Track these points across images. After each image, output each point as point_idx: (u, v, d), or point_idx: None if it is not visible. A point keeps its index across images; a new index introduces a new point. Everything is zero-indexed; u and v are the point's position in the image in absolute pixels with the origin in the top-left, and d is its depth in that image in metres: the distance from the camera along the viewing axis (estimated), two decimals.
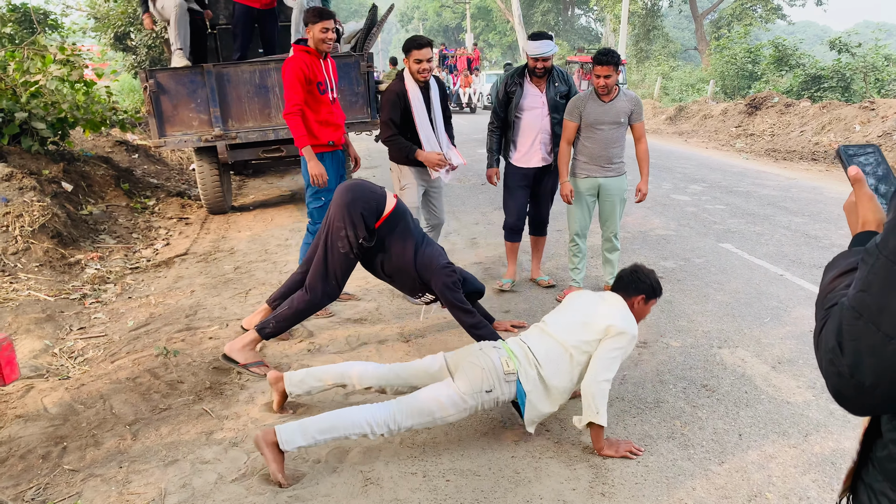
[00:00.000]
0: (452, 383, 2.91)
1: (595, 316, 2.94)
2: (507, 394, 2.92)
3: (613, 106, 4.53)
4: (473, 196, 5.77)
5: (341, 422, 2.79)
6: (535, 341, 3.04)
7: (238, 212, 8.47)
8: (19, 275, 5.40)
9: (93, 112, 8.28)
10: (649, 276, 3.09)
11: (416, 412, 2.84)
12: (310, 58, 4.41)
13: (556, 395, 2.95)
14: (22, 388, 3.64)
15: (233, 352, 3.71)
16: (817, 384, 3.54)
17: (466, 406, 2.88)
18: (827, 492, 2.65)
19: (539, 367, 2.94)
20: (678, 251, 6.13)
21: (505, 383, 2.91)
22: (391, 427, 2.81)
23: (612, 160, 4.64)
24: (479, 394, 2.88)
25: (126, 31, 15.60)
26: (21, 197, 6.19)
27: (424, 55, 4.46)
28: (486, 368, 2.91)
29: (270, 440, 2.74)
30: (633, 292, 3.04)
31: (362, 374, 3.18)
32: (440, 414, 2.85)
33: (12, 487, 2.79)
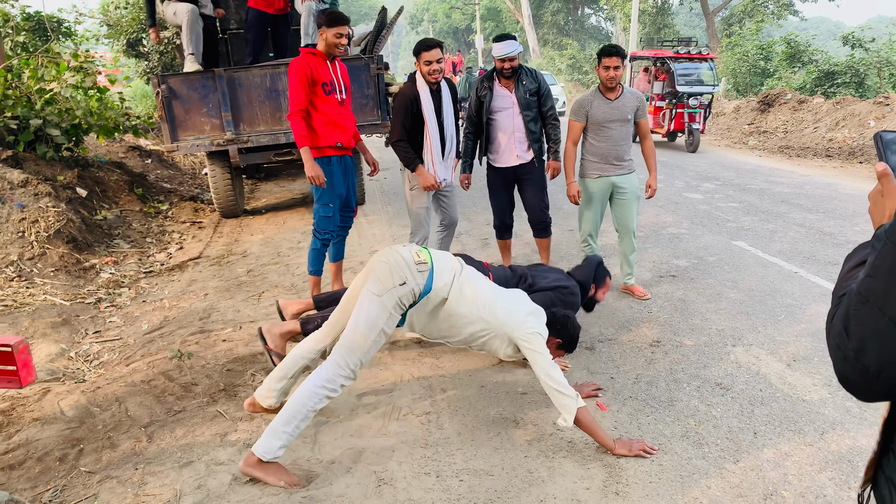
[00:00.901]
0: (365, 293, 2.82)
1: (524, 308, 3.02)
2: (420, 284, 2.86)
3: (620, 103, 4.55)
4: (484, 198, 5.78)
5: (297, 404, 2.73)
6: (473, 270, 3.10)
7: (250, 215, 8.51)
8: (35, 279, 5.45)
9: (106, 118, 8.35)
10: (574, 330, 3.22)
11: (353, 346, 2.76)
12: (315, 59, 4.41)
13: (442, 316, 2.95)
14: (39, 391, 3.68)
15: (270, 333, 3.66)
16: (833, 382, 3.50)
17: (386, 309, 2.78)
18: (844, 489, 2.62)
19: (456, 278, 2.95)
20: (691, 249, 6.10)
21: (418, 273, 2.85)
22: (343, 374, 2.75)
23: (622, 157, 4.66)
24: (395, 289, 2.79)
25: (138, 37, 15.72)
26: (37, 203, 6.25)
27: (434, 56, 4.48)
28: (392, 263, 2.84)
29: (252, 461, 2.74)
30: (554, 334, 3.13)
31: (308, 345, 3.14)
32: (373, 333, 2.76)
33: (30, 489, 2.82)
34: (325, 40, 4.41)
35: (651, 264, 5.70)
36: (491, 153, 5.01)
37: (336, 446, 3.06)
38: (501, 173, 5.02)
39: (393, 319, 2.83)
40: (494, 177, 5.09)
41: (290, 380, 3.14)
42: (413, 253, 2.91)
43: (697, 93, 12.81)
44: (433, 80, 4.55)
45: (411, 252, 2.91)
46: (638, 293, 4.88)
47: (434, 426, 3.22)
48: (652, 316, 4.54)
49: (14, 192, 6.23)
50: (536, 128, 4.89)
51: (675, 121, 13.06)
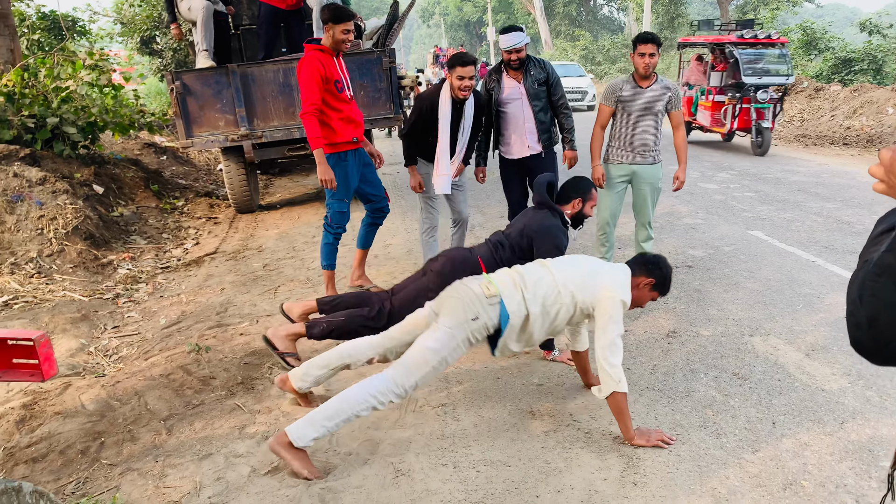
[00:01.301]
0: (437, 324, 2.87)
1: (598, 276, 2.95)
2: (493, 317, 2.87)
3: (652, 92, 4.48)
4: (497, 190, 5.77)
5: (345, 403, 2.77)
6: (530, 270, 3.05)
7: (265, 210, 8.56)
8: (55, 276, 5.52)
9: (121, 115, 8.42)
10: (667, 267, 3.08)
11: (413, 367, 2.80)
12: (325, 57, 4.37)
13: (532, 329, 2.92)
14: (60, 385, 3.72)
15: (275, 337, 3.72)
16: (853, 371, 3.47)
17: (457, 340, 2.82)
18: (864, 479, 2.60)
19: (524, 291, 2.91)
20: (707, 239, 6.06)
21: (489, 307, 2.86)
22: (396, 391, 2.78)
23: (647, 147, 4.58)
24: (466, 323, 2.83)
25: (152, 35, 15.82)
26: (54, 200, 6.32)
27: (468, 72, 4.51)
28: (465, 298, 2.87)
29: (283, 441, 2.76)
30: (646, 273, 3.03)
31: (359, 348, 3.16)
32: (436, 359, 2.80)
33: (53, 482, 2.86)
34: (331, 37, 4.37)
35: (667, 254, 5.66)
36: (502, 145, 5.01)
37: (353, 438, 3.07)
38: (513, 165, 5.02)
39: (459, 351, 2.88)
40: (507, 169, 5.08)
41: (329, 371, 3.19)
42: (483, 286, 2.92)
43: (766, 84, 10.86)
44: (462, 97, 4.58)
45: (481, 285, 2.93)
46: None
47: (450, 418, 3.22)
48: (668, 306, 4.52)
49: (32, 190, 6.30)
50: (546, 118, 4.88)
51: (738, 118, 10.98)
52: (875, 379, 3.38)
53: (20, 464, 3.00)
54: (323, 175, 4.41)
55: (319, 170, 4.40)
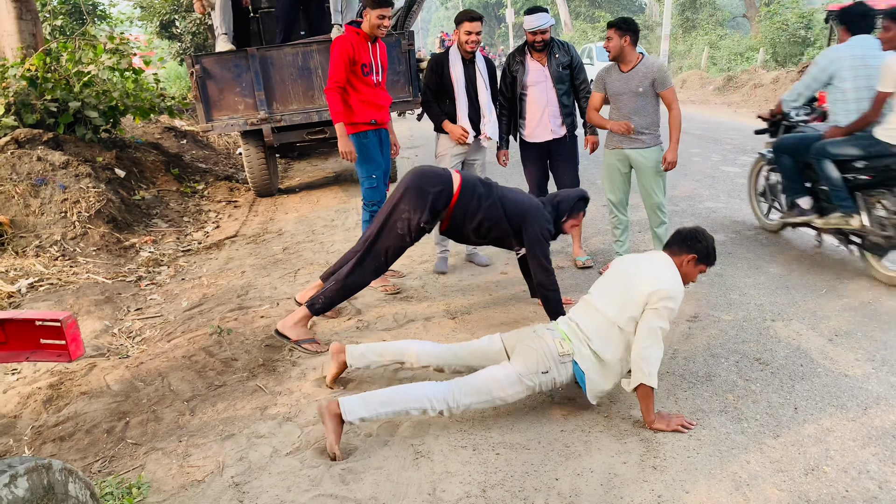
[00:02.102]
0: (509, 364, 2.95)
1: (639, 283, 2.90)
2: (563, 375, 2.94)
3: (632, 76, 4.44)
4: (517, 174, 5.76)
5: (402, 396, 2.85)
6: (582, 317, 3.04)
7: (285, 194, 8.59)
8: (78, 259, 5.59)
9: (142, 99, 8.48)
10: (706, 238, 3.02)
11: (474, 391, 2.87)
12: (358, 39, 4.44)
13: (612, 368, 2.94)
14: (85, 366, 3.79)
15: (285, 328, 3.79)
16: (877, 357, 3.43)
17: (523, 387, 2.91)
18: (888, 465, 2.58)
19: (590, 343, 2.93)
20: (728, 223, 6.00)
21: (561, 365, 2.92)
22: (450, 404, 2.85)
23: (637, 131, 4.52)
24: (536, 375, 2.90)
25: (171, 18, 15.88)
26: (77, 184, 6.39)
27: (475, 28, 4.60)
28: (540, 351, 2.93)
29: (334, 410, 2.81)
30: (686, 250, 2.99)
31: (421, 352, 3.24)
32: (498, 393, 2.88)
33: (80, 460, 2.92)
34: (368, 21, 4.42)
35: None
36: (524, 128, 4.98)
37: (374, 420, 3.09)
38: (535, 148, 4.99)
39: (520, 395, 2.95)
40: (528, 152, 5.06)
41: (384, 361, 3.30)
42: (558, 343, 2.96)
43: None
44: (469, 50, 4.64)
45: (556, 342, 2.96)
46: None
47: None
48: (689, 291, 4.49)
49: (56, 174, 6.38)
50: (569, 101, 4.85)
51: None
52: None
53: (48, 442, 3.06)
54: (343, 147, 4.50)
55: (340, 142, 4.49)
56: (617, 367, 2.95)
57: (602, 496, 2.49)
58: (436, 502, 2.51)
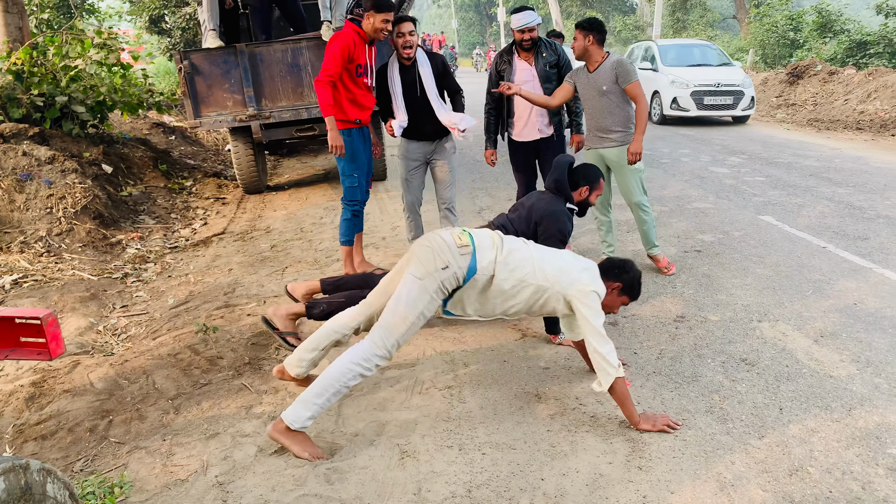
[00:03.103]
0: (407, 276, 2.84)
1: (574, 267, 2.96)
2: (463, 267, 2.85)
3: (596, 75, 4.49)
4: (506, 173, 5.75)
5: (331, 378, 2.77)
6: (512, 240, 3.05)
7: (273, 191, 8.55)
8: (64, 255, 5.54)
9: (130, 95, 8.40)
10: (634, 271, 3.09)
11: (391, 327, 2.79)
12: (359, 39, 4.42)
13: (494, 292, 2.91)
14: (69, 363, 3.75)
15: (275, 317, 3.74)
16: (861, 358, 3.45)
17: (429, 292, 2.80)
18: (871, 466, 2.59)
19: (498, 253, 2.91)
20: (717, 224, 6.02)
21: (460, 256, 2.85)
22: (379, 353, 2.78)
23: (607, 130, 4.56)
24: (437, 273, 2.80)
25: (160, 14, 15.75)
26: (63, 179, 6.33)
27: (406, 28, 4.51)
28: (435, 246, 2.85)
29: (281, 427, 2.78)
30: (612, 278, 3.04)
31: (343, 321, 3.14)
32: (412, 314, 2.79)
33: (62, 459, 2.89)
34: (371, 24, 4.37)
35: (676, 239, 5.63)
36: (512, 128, 4.97)
37: (359, 419, 3.08)
38: (523, 147, 4.99)
39: (433, 303, 2.85)
40: (516, 151, 5.05)
41: (320, 352, 3.17)
42: (455, 236, 2.91)
43: None
44: (405, 55, 4.55)
45: (453, 235, 2.91)
46: (663, 265, 4.83)
47: (456, 400, 3.23)
48: (676, 291, 4.50)
49: (41, 169, 6.31)
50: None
51: None
52: (884, 366, 3.36)
53: (29, 441, 3.02)
54: (333, 141, 4.45)
55: (331, 135, 4.44)
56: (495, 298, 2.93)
57: (587, 496, 2.49)
58: (421, 502, 2.50)
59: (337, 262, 5.30)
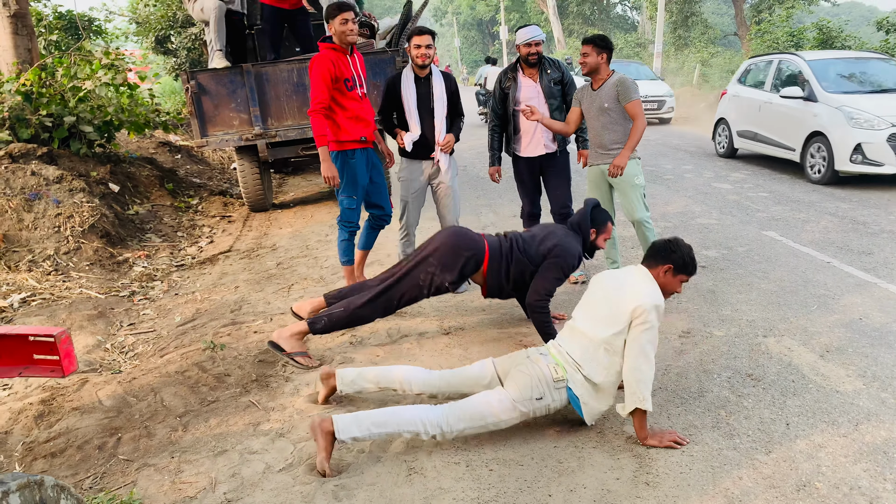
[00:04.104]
0: (503, 390, 2.94)
1: (620, 302, 2.89)
2: (558, 401, 2.94)
3: (599, 93, 4.55)
4: (510, 190, 5.81)
5: (396, 419, 2.84)
6: (568, 342, 3.04)
7: (279, 209, 8.60)
8: (71, 273, 5.58)
9: (137, 114, 8.49)
10: (682, 247, 2.98)
11: (468, 416, 2.87)
12: (336, 54, 4.40)
13: (606, 390, 2.94)
14: (77, 381, 3.77)
15: (280, 339, 3.79)
16: (868, 373, 3.45)
17: (517, 413, 2.90)
18: (879, 481, 2.59)
19: (580, 369, 2.94)
20: (720, 240, 6.04)
21: (555, 391, 2.93)
22: (444, 429, 2.85)
23: (607, 147, 4.61)
24: (530, 401, 2.90)
25: (167, 34, 15.93)
26: (71, 198, 6.39)
27: (423, 41, 4.57)
28: (534, 376, 2.93)
29: (327, 428, 2.80)
30: (661, 261, 2.97)
31: (412, 379, 3.21)
32: (492, 419, 2.88)
33: (71, 476, 2.90)
34: (334, 32, 4.42)
35: None
36: (517, 143, 5.01)
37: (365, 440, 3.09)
38: (527, 163, 5.03)
39: (513, 421, 2.94)
40: (521, 167, 5.09)
41: (376, 388, 3.27)
42: (552, 369, 2.96)
43: None
44: (420, 64, 4.60)
45: (550, 367, 2.97)
46: None
47: None
48: (681, 307, 4.51)
49: (49, 188, 6.37)
50: (560, 117, 4.90)
51: None
52: (891, 381, 3.36)
53: (39, 458, 3.04)
54: (326, 172, 4.46)
55: (323, 167, 4.45)
56: (610, 388, 2.95)
57: None
58: None
59: (342, 280, 5.33)
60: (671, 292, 3.02)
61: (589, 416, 2.97)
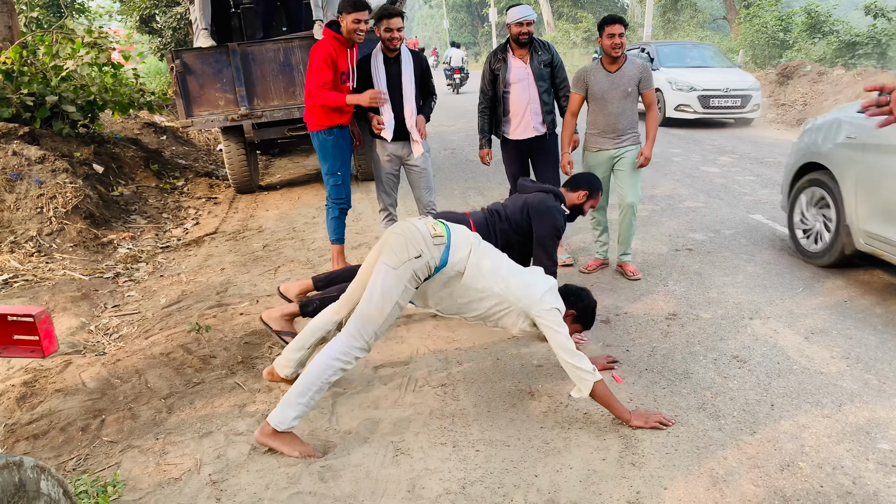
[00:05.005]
0: (381, 265, 2.82)
1: (542, 284, 2.97)
2: (436, 258, 2.84)
3: (620, 76, 4.45)
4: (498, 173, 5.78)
5: (311, 375, 2.76)
6: (489, 247, 3.06)
7: (265, 191, 8.54)
8: (54, 255, 5.51)
9: (121, 94, 8.37)
10: (590, 302, 3.17)
11: (367, 317, 2.77)
12: (339, 46, 4.42)
13: (458, 290, 2.92)
14: (61, 363, 3.73)
15: (270, 319, 3.75)
16: (851, 354, 3.48)
17: (401, 282, 2.77)
18: (862, 461, 2.62)
19: (473, 253, 2.92)
20: (707, 223, 6.05)
21: (434, 247, 2.84)
22: (358, 345, 2.77)
23: (623, 131, 4.56)
24: (410, 262, 2.78)
25: (151, 13, 15.70)
26: (54, 179, 6.30)
27: (395, 24, 4.51)
28: (409, 235, 2.83)
29: (268, 431, 2.77)
30: (567, 305, 3.06)
31: (325, 317, 3.16)
32: (388, 305, 2.76)
33: (54, 458, 2.88)
34: (344, 25, 4.39)
35: (667, 237, 5.66)
36: (506, 126, 4.97)
37: (353, 417, 3.09)
38: (516, 146, 4.99)
39: (408, 292, 2.83)
40: (509, 150, 5.06)
41: (307, 350, 3.18)
42: (429, 226, 2.90)
43: None
44: (392, 46, 4.56)
45: (427, 225, 2.91)
46: (630, 271, 4.76)
47: (450, 398, 3.23)
48: (668, 289, 4.52)
49: (32, 169, 6.28)
50: (550, 99, 4.87)
51: None
52: (873, 362, 3.39)
53: (21, 440, 3.01)
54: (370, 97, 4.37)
55: (363, 99, 4.38)
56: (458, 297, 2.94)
57: (581, 492, 2.50)
58: (415, 499, 2.51)
59: (329, 263, 5.30)
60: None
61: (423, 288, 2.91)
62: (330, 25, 4.50)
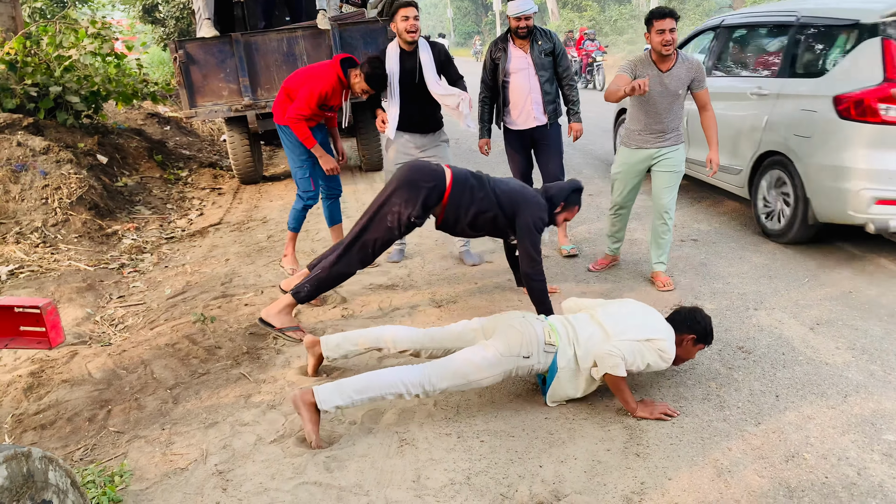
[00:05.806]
0: (488, 344, 2.92)
1: (652, 326, 2.95)
2: (542, 364, 2.93)
3: (671, 76, 4.07)
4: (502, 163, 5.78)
5: (376, 382, 2.82)
6: (582, 324, 3.04)
7: (269, 181, 8.54)
8: (60, 246, 5.53)
9: (124, 85, 8.37)
10: (706, 319, 3.07)
11: (450, 374, 2.85)
12: (339, 86, 4.43)
13: (584, 381, 2.95)
14: (67, 354, 3.75)
15: (269, 316, 3.77)
16: (857, 345, 3.47)
17: (501, 368, 2.87)
18: (867, 452, 2.62)
19: (577, 348, 2.94)
20: (713, 214, 6.03)
21: (543, 353, 2.92)
22: (426, 388, 2.83)
23: (667, 130, 4.23)
24: (517, 357, 2.88)
25: (154, 3, 15.66)
26: (58, 170, 6.31)
27: (411, 13, 4.45)
28: (526, 334, 2.92)
29: (308, 400, 2.78)
30: (686, 330, 3.03)
31: (397, 337, 3.21)
32: (474, 376, 2.86)
33: (61, 448, 2.89)
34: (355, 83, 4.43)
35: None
36: (508, 116, 4.95)
37: (358, 408, 3.09)
38: (519, 136, 4.97)
39: (496, 378, 2.91)
40: (511, 140, 5.03)
41: (361, 349, 3.27)
42: (546, 332, 2.95)
43: None
44: (408, 40, 4.50)
45: (544, 330, 2.96)
46: (659, 283, 4.39)
47: None
48: (673, 280, 4.51)
49: (36, 160, 6.28)
50: (552, 89, 4.84)
51: None
52: (879, 354, 3.38)
53: (28, 430, 3.03)
54: (327, 165, 4.58)
55: (322, 161, 4.56)
56: (584, 379, 2.96)
57: (585, 483, 2.51)
58: (420, 489, 2.52)
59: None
60: (687, 359, 3.13)
61: (554, 391, 2.97)
62: (343, 63, 4.44)
